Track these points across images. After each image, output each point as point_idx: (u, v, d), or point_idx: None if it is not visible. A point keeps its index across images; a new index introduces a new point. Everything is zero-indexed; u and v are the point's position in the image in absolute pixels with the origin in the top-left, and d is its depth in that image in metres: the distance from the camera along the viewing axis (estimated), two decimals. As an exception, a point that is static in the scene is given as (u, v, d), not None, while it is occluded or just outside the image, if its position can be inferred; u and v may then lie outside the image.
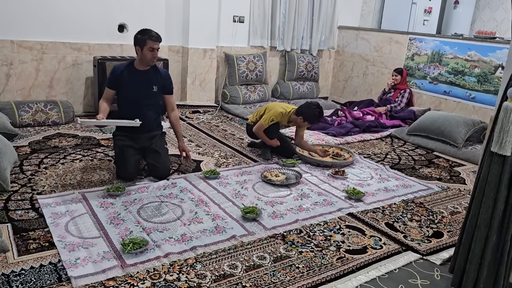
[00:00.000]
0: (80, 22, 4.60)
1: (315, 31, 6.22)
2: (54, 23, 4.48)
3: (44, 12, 4.40)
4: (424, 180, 3.57)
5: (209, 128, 4.72)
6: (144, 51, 3.10)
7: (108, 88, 3.25)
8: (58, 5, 4.45)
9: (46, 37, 4.49)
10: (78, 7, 4.54)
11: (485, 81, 4.75)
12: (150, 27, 4.97)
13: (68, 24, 4.54)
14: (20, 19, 4.30)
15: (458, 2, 7.21)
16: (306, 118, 3.60)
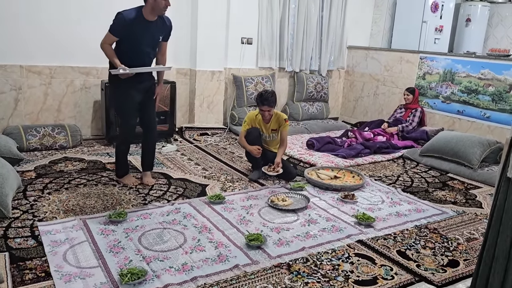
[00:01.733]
0: (89, 46, 4.60)
1: (324, 51, 6.17)
2: (62, 48, 4.51)
3: (52, 37, 4.44)
4: (438, 204, 3.42)
5: (216, 150, 4.66)
6: (159, 0, 3.03)
7: (112, 35, 3.12)
8: (67, 30, 4.48)
9: (55, 61, 4.52)
10: (87, 31, 4.56)
11: (500, 99, 4.61)
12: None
13: (77, 49, 4.57)
14: (29, 45, 4.34)
15: (470, 20, 7.12)
16: (256, 103, 3.72)
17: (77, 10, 4.49)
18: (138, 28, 3.11)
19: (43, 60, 4.45)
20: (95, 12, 4.53)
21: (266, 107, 3.65)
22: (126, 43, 3.15)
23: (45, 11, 4.34)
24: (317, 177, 3.77)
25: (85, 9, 4.52)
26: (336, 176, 3.84)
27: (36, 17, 4.31)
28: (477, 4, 7.10)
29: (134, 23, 3.09)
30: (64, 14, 4.45)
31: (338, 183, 3.69)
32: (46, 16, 4.35)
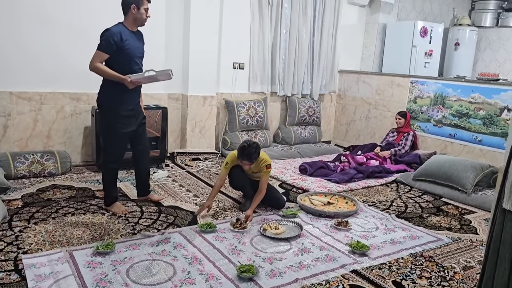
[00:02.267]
0: (80, 72, 4.58)
1: (316, 75, 6.21)
2: (53, 74, 4.48)
3: (43, 63, 4.41)
4: (433, 230, 3.38)
5: (208, 176, 4.60)
6: (141, 11, 3.18)
7: (103, 53, 3.10)
8: (58, 56, 4.47)
9: (45, 87, 4.48)
10: (78, 57, 4.54)
11: (491, 123, 4.63)
12: (149, 76, 4.98)
13: (68, 74, 4.55)
14: (19, 71, 4.31)
15: (458, 44, 7.23)
16: (237, 153, 3.36)
17: (66, 35, 4.48)
18: (128, 40, 3.16)
19: (33, 86, 4.41)
20: (84, 37, 4.52)
21: (247, 162, 3.35)
22: (119, 57, 3.15)
23: (34, 36, 4.32)
24: (310, 203, 3.72)
25: (75, 35, 4.51)
26: (329, 202, 3.79)
27: (25, 43, 4.29)
28: (465, 28, 7.23)
29: (123, 36, 3.14)
30: (54, 40, 4.43)
31: (332, 209, 3.63)
32: (35, 41, 4.33)
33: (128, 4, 3.17)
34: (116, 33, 3.11)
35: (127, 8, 3.19)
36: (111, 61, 3.16)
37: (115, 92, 3.22)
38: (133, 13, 3.18)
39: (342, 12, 6.29)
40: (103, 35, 3.14)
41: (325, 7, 6.09)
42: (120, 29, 3.16)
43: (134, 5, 3.16)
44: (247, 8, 5.52)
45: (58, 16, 4.41)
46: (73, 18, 4.48)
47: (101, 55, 3.12)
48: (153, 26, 4.94)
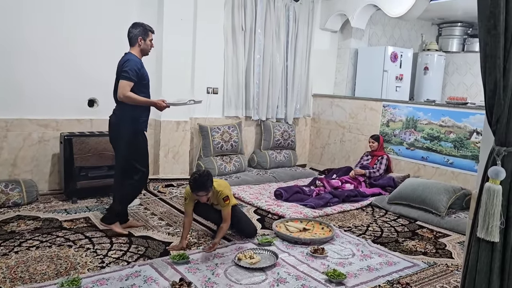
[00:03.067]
0: (48, 98, 4.48)
1: (290, 99, 6.25)
2: (20, 100, 4.35)
3: (9, 89, 4.27)
4: (409, 255, 3.36)
5: (181, 203, 4.48)
6: (147, 42, 3.45)
7: (131, 82, 3.29)
8: (25, 82, 4.34)
9: (12, 114, 4.33)
10: (46, 83, 4.44)
11: (461, 146, 4.72)
12: (121, 101, 4.88)
13: (35, 101, 4.42)
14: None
15: (427, 68, 7.43)
16: (190, 187, 3.16)
17: (33, 61, 4.37)
18: (143, 68, 3.45)
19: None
20: (51, 63, 4.44)
21: (203, 192, 3.14)
22: (139, 85, 3.38)
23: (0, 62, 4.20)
24: (286, 230, 3.65)
25: (42, 61, 4.40)
26: (305, 228, 3.74)
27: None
28: (434, 53, 7.46)
29: (142, 64, 3.44)
30: (20, 66, 4.31)
31: (308, 236, 3.58)
32: (0, 67, 4.21)
33: (136, 37, 3.42)
34: (137, 62, 3.37)
35: (135, 40, 3.43)
36: (132, 88, 3.34)
37: (136, 115, 3.44)
38: (140, 44, 3.43)
39: (314, 37, 6.40)
40: (129, 64, 3.30)
41: (298, 33, 6.18)
42: (137, 58, 3.40)
43: (140, 37, 3.42)
44: (221, 33, 5.54)
45: (23, 42, 4.30)
46: (38, 43, 4.38)
47: (130, 84, 3.30)
48: (125, 49, 4.90)
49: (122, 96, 3.28)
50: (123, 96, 3.28)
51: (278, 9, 5.92)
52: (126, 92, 3.27)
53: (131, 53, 3.43)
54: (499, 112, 1.62)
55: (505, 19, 1.54)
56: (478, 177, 1.86)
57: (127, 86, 3.27)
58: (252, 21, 5.72)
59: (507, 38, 1.56)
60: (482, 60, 1.61)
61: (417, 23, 7.73)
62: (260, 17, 5.78)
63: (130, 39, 3.45)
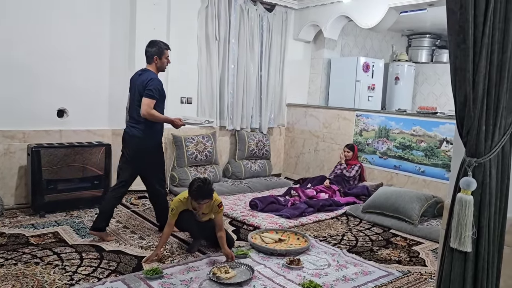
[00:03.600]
0: (14, 108, 4.33)
1: (264, 109, 6.25)
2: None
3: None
4: (383, 264, 3.38)
5: (155, 215, 4.38)
6: (163, 60, 3.61)
7: (154, 100, 3.48)
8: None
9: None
10: (12, 92, 4.29)
11: (432, 155, 4.82)
12: (93, 111, 4.81)
13: (0, 111, 4.25)
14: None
15: (398, 78, 7.60)
16: (192, 196, 3.19)
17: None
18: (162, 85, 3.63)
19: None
20: (20, 72, 4.30)
21: (207, 200, 3.22)
22: (158, 102, 3.55)
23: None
24: (261, 241, 3.62)
25: (9, 69, 4.26)
26: (280, 239, 3.72)
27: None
28: (404, 64, 7.64)
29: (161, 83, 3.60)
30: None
31: (283, 247, 3.56)
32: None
33: (152, 56, 3.59)
34: (160, 81, 3.57)
35: (151, 58, 3.60)
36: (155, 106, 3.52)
37: (156, 130, 3.66)
38: (156, 63, 3.60)
39: (288, 47, 6.45)
40: (153, 83, 3.47)
41: (271, 43, 6.22)
42: (157, 77, 3.58)
43: (156, 56, 3.58)
44: (194, 43, 5.50)
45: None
46: (3, 52, 4.24)
47: (153, 102, 3.47)
48: (98, 59, 4.81)
49: (146, 114, 3.46)
50: (147, 114, 3.46)
51: (252, 19, 5.94)
52: (150, 110, 3.46)
53: (151, 70, 3.60)
54: (469, 124, 1.65)
55: (474, 34, 1.57)
56: (450, 188, 1.89)
57: (151, 104, 3.46)
58: (226, 31, 5.72)
59: (476, 52, 1.59)
60: (452, 73, 1.64)
61: (387, 34, 7.91)
62: (234, 27, 5.79)
63: (147, 57, 3.62)
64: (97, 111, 4.89)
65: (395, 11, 5.37)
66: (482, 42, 1.58)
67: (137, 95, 3.55)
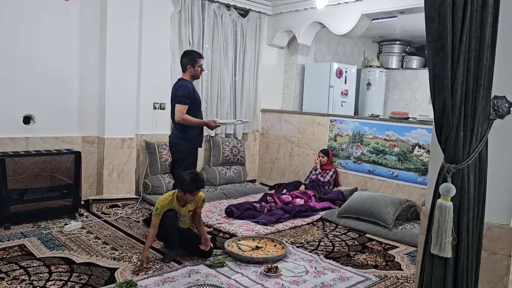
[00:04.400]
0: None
1: (239, 115, 6.21)
2: None
3: None
4: (360, 269, 3.39)
5: (128, 225, 4.27)
6: (196, 68, 3.86)
7: (186, 105, 3.72)
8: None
9: None
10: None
11: (405, 159, 4.89)
12: (62, 116, 4.66)
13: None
14: None
15: (370, 84, 7.72)
16: (184, 189, 3.25)
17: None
18: (195, 91, 3.86)
19: None
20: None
21: (201, 189, 3.38)
22: (193, 106, 3.78)
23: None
24: (238, 249, 3.57)
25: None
26: (257, 246, 3.67)
27: None
28: (375, 70, 7.77)
29: (193, 88, 3.85)
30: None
31: (260, 254, 3.52)
32: None
33: (185, 65, 3.86)
34: (189, 87, 3.79)
35: (185, 67, 3.87)
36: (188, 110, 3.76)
37: (190, 135, 3.84)
38: (190, 71, 3.85)
39: (262, 53, 6.44)
40: (182, 89, 3.73)
41: (245, 48, 6.19)
42: (188, 83, 3.82)
43: (190, 65, 3.84)
44: (167, 48, 5.42)
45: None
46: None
47: (185, 107, 3.72)
48: (66, 63, 4.65)
49: (179, 119, 3.71)
50: (180, 119, 3.71)
51: (225, 24, 5.91)
52: (182, 115, 3.70)
53: (184, 79, 3.86)
54: (448, 130, 1.66)
55: (452, 41, 1.59)
56: (429, 194, 1.90)
57: (182, 109, 3.70)
58: (200, 36, 5.66)
59: (454, 59, 1.60)
60: (431, 80, 1.65)
61: (359, 41, 8.04)
62: (208, 32, 5.74)
63: (182, 66, 3.90)
64: (66, 117, 4.72)
65: (367, 18, 5.46)
66: (459, 49, 1.60)
67: (172, 103, 3.86)
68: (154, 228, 3.30)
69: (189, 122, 3.79)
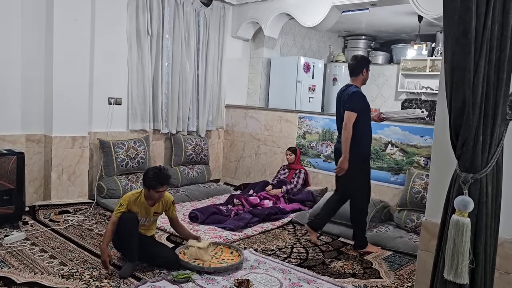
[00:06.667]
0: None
1: (202, 111, 5.84)
2: None
3: None
4: (338, 278, 3.14)
5: (80, 234, 3.81)
6: (368, 73, 3.67)
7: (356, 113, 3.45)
8: None
9: None
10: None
11: (377, 158, 4.71)
12: (1, 112, 4.10)
13: None
14: None
15: (336, 79, 7.53)
16: (147, 184, 3.06)
17: None
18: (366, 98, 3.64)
19: None
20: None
21: (165, 186, 3.12)
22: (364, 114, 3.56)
23: None
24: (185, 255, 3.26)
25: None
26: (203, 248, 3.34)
27: None
28: (341, 65, 7.58)
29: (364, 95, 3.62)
30: None
31: (214, 263, 3.20)
32: None
33: (361, 68, 3.60)
34: (362, 94, 3.58)
35: (359, 70, 3.61)
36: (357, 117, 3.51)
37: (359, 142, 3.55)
38: (363, 75, 3.64)
39: (226, 45, 6.08)
40: (356, 97, 3.50)
41: (209, 40, 5.81)
42: (360, 90, 3.60)
43: (365, 69, 3.61)
44: (123, 38, 4.95)
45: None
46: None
47: (354, 115, 3.46)
48: (6, 51, 4.10)
49: (347, 127, 3.47)
50: (348, 127, 3.46)
51: (187, 14, 5.49)
52: (348, 122, 3.46)
53: (354, 85, 3.60)
54: (466, 134, 1.40)
55: (475, 27, 1.31)
56: (432, 205, 1.63)
57: (352, 117, 3.46)
58: (159, 25, 5.22)
59: (476, 48, 1.33)
60: (448, 74, 1.38)
61: (325, 35, 7.84)
62: (168, 22, 5.31)
63: (356, 68, 3.61)
64: (6, 113, 4.18)
65: (337, 10, 5.22)
66: (483, 36, 1.33)
67: (341, 110, 3.60)
68: (113, 225, 3.03)
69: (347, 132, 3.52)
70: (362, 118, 3.54)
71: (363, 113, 3.55)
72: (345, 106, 3.52)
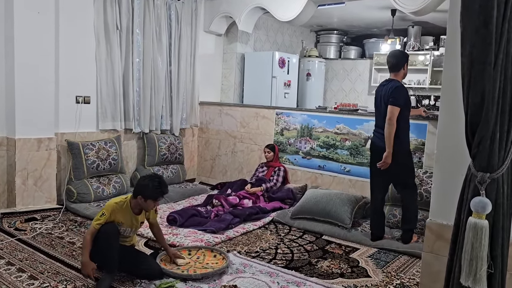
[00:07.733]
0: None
1: (176, 108, 5.63)
2: None
3: None
4: (327, 279, 3.05)
5: (49, 242, 3.56)
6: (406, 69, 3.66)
7: (399, 108, 3.46)
8: None
9: None
10: None
11: (357, 153, 4.67)
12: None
13: None
14: None
15: (310, 75, 7.47)
16: (147, 195, 2.85)
17: None
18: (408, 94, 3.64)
19: None
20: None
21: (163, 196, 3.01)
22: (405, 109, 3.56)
23: None
24: (172, 264, 3.09)
25: None
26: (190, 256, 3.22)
27: None
28: (314, 60, 7.53)
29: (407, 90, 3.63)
30: None
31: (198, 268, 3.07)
32: None
33: (402, 63, 3.61)
34: (405, 89, 3.58)
35: (400, 66, 3.61)
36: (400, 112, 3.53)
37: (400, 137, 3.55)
38: (404, 70, 3.63)
39: (199, 40, 5.88)
40: (400, 91, 3.50)
41: (181, 35, 5.60)
42: (403, 85, 3.60)
43: (406, 63, 3.62)
44: (91, 32, 4.67)
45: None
46: None
47: (398, 110, 3.47)
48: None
49: (391, 122, 3.47)
50: (392, 122, 3.47)
51: (158, 7, 5.26)
52: (394, 119, 3.47)
53: (396, 80, 3.61)
54: (484, 131, 1.31)
55: (496, 16, 1.22)
56: (436, 205, 1.54)
57: (395, 111, 3.47)
58: (129, 19, 4.97)
59: (496, 40, 1.24)
60: (467, 67, 1.28)
61: (297, 30, 7.75)
62: (138, 16, 5.06)
63: (398, 63, 3.60)
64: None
65: (313, 3, 5.13)
66: (502, 27, 1.24)
67: (382, 105, 3.59)
68: (92, 235, 2.80)
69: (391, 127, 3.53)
70: (404, 112, 3.57)
71: (405, 107, 3.57)
72: (388, 100, 3.52)
